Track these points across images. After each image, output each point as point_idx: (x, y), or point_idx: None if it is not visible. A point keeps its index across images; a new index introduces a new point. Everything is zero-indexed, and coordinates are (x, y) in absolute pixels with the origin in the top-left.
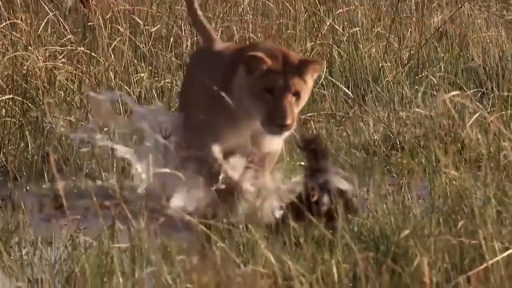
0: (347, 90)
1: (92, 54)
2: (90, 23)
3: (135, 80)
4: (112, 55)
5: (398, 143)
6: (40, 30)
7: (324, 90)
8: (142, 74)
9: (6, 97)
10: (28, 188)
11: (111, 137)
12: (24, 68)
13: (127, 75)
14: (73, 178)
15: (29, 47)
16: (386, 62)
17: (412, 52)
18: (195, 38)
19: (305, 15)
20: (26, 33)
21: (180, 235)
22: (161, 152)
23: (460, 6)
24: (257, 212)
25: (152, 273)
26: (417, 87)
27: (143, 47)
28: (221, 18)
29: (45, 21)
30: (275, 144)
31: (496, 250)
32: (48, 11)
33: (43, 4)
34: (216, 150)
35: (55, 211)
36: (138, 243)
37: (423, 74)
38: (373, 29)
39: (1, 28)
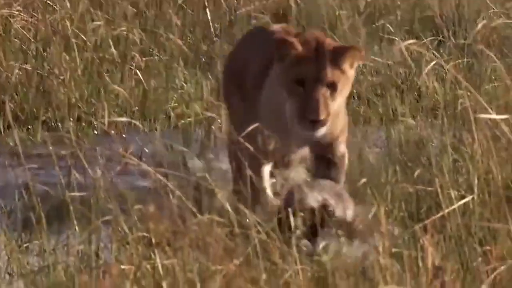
0: None
1: (48, 2)
2: None
3: (91, 28)
4: (68, 3)
5: (355, 91)
6: None
7: None
8: (98, 23)
9: None
10: None
11: None
12: None
13: (83, 24)
14: (29, 127)
15: None
16: (343, 10)
17: (368, 0)
18: None
19: None
20: None
21: (136, 184)
22: None
23: None
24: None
25: (108, 222)
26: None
27: None
28: None
29: None
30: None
31: (452, 198)
32: None
33: None
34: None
35: (11, 160)
36: (94, 192)
37: (379, 23)
38: None
39: None
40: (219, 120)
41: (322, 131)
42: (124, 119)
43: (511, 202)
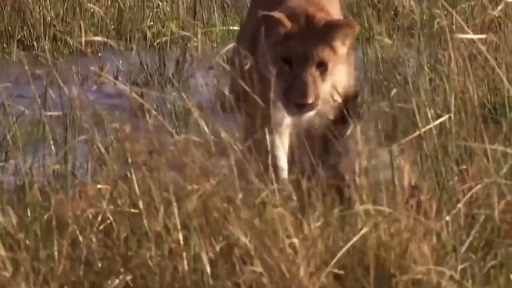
0: None
1: None
2: None
3: None
4: None
5: None
6: None
7: None
8: None
9: None
10: None
11: None
12: None
13: None
14: (4, 46)
15: None
16: None
17: None
18: None
19: None
20: None
21: (112, 103)
22: None
23: None
24: None
25: (84, 142)
26: None
27: None
28: None
29: None
30: None
31: (429, 118)
32: None
33: None
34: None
35: None
36: (70, 111)
37: None
38: None
39: None
40: (194, 39)
41: (309, 114)
42: (99, 38)
43: (487, 121)
